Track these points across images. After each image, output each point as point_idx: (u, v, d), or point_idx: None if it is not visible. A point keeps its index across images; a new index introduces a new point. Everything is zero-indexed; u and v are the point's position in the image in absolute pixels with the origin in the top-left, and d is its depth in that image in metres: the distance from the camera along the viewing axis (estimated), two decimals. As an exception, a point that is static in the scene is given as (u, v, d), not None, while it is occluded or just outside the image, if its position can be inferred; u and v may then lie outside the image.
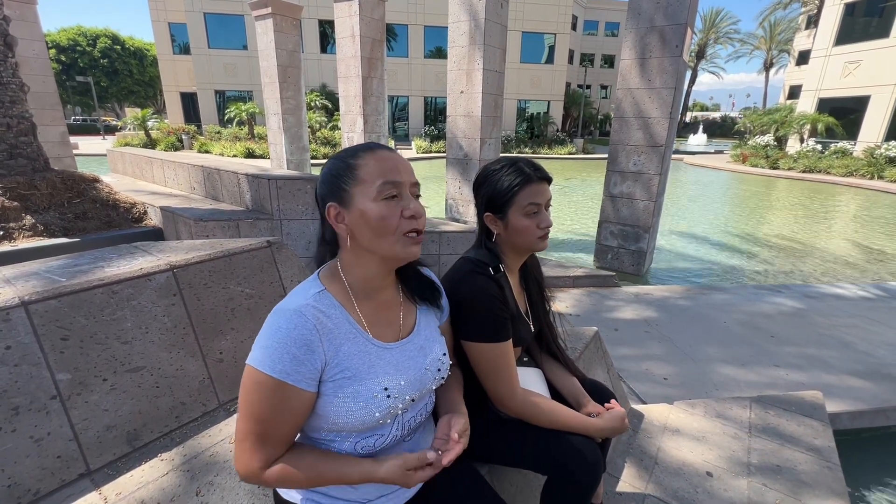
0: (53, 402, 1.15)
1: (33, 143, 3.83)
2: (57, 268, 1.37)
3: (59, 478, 1.15)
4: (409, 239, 0.82)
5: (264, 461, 0.78)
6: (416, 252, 0.84)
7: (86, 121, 37.19)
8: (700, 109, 66.72)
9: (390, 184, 0.80)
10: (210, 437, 1.35)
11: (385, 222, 0.79)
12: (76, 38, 33.89)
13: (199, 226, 3.58)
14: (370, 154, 0.81)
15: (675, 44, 4.36)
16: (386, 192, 0.79)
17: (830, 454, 1.88)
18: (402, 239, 0.81)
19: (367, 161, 0.81)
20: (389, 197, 0.80)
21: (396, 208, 0.80)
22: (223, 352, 1.53)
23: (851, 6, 17.80)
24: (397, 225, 0.80)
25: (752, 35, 41.18)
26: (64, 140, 7.42)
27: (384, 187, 0.79)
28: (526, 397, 1.10)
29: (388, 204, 0.80)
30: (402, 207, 0.81)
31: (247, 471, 0.78)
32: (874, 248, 6.83)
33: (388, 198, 0.80)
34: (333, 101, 21.30)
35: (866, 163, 14.60)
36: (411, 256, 0.84)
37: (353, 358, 0.82)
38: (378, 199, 0.79)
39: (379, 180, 0.79)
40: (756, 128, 21.05)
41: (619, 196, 5.05)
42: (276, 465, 0.78)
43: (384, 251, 0.82)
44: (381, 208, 0.79)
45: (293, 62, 8.51)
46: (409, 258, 0.84)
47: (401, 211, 0.80)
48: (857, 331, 3.50)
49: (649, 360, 2.97)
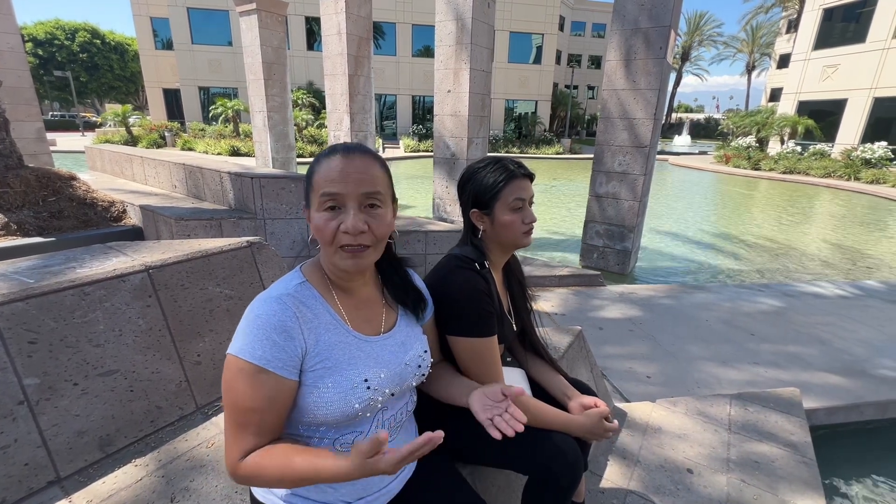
0: (21, 408, 1.11)
1: (6, 139, 3.70)
2: (25, 269, 1.32)
3: (26, 486, 1.11)
4: (346, 253, 0.79)
5: (243, 452, 0.75)
6: (355, 266, 0.81)
7: (64, 117, 36.20)
8: (685, 111, 67.70)
9: (329, 195, 0.77)
10: (187, 442, 1.32)
11: (321, 233, 0.78)
12: (54, 31, 32.97)
13: (181, 225, 3.51)
14: (327, 159, 0.79)
15: (660, 46, 4.41)
16: (326, 204, 0.77)
17: (807, 449, 1.92)
18: (338, 252, 0.79)
19: (321, 166, 0.78)
20: (329, 208, 0.77)
21: (334, 221, 0.77)
22: (201, 354, 1.50)
23: (830, 11, 18.27)
24: (333, 238, 0.78)
25: (735, 38, 42.00)
26: (40, 136, 7.22)
27: (323, 199, 0.77)
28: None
29: (326, 215, 0.77)
30: (340, 221, 0.77)
31: (228, 464, 0.76)
32: (850, 247, 7.02)
33: (327, 209, 0.77)
34: (320, 99, 21.08)
35: (843, 164, 15.01)
36: (350, 269, 0.81)
37: (334, 349, 0.81)
38: (319, 210, 0.78)
39: (320, 190, 0.77)
40: (738, 129, 21.46)
41: (604, 196, 5.10)
42: (251, 455, 0.74)
43: (329, 261, 0.82)
44: (319, 219, 0.78)
45: (279, 59, 8.40)
46: (348, 270, 0.82)
47: (338, 225, 0.77)
48: (834, 328, 3.59)
49: (633, 359, 3.01)
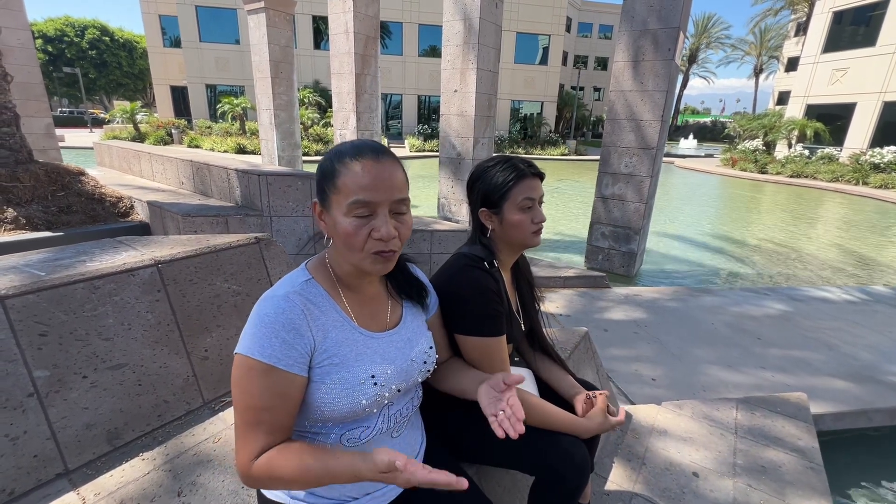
0: (30, 400, 1.12)
1: (16, 134, 3.74)
2: (37, 262, 1.33)
3: (35, 477, 1.11)
4: (378, 257, 0.78)
5: (256, 452, 0.73)
6: (385, 268, 0.81)
7: (73, 113, 36.49)
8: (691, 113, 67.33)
9: (362, 203, 0.74)
10: (193, 437, 1.32)
11: (351, 240, 0.76)
12: (64, 28, 33.26)
13: (187, 221, 3.52)
14: (354, 161, 0.75)
15: (668, 47, 4.39)
16: (357, 211, 0.75)
17: (814, 455, 1.90)
18: (369, 256, 0.78)
19: (348, 169, 0.75)
20: (361, 216, 0.75)
21: (365, 228, 0.75)
22: (208, 349, 1.50)
23: (840, 14, 18.10)
24: (364, 244, 0.76)
25: (743, 41, 41.81)
26: (49, 132, 7.28)
27: (354, 206, 0.74)
28: (520, 395, 1.09)
29: (357, 222, 0.75)
30: (373, 228, 0.76)
31: (240, 465, 0.74)
32: (858, 252, 6.96)
33: (358, 216, 0.75)
34: (327, 97, 21.12)
35: (851, 169, 14.87)
36: (378, 273, 0.81)
37: (341, 345, 0.81)
38: (349, 216, 0.75)
39: (352, 196, 0.74)
40: (745, 132, 21.32)
41: (610, 197, 5.08)
42: (263, 455, 0.73)
43: (353, 263, 0.80)
44: (349, 225, 0.75)
45: (286, 58, 8.43)
46: (377, 274, 0.82)
47: (370, 231, 0.76)
48: (841, 333, 3.56)
49: (638, 361, 2.99)
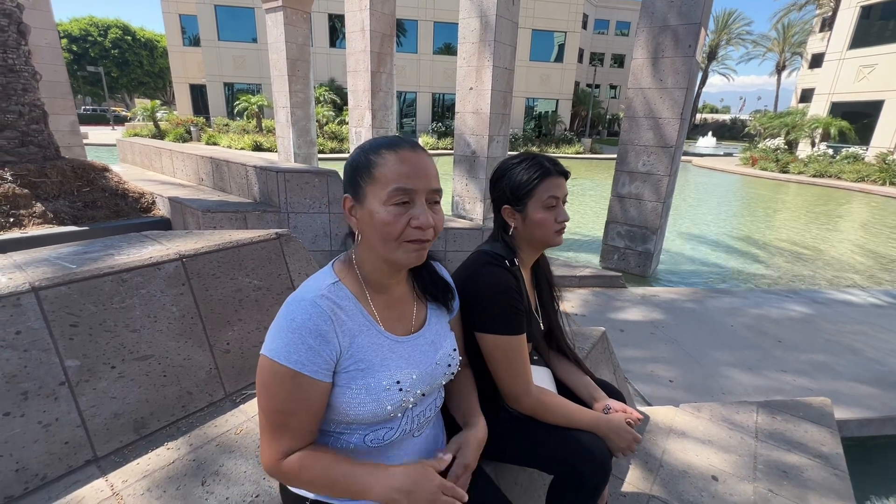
0: (62, 388, 1.16)
1: (44, 132, 3.85)
2: (67, 255, 1.37)
3: (66, 463, 1.15)
4: (412, 245, 0.78)
5: (283, 452, 0.77)
6: (419, 259, 0.81)
7: (96, 111, 37.43)
8: (710, 111, 65.93)
9: (402, 191, 0.75)
10: (216, 428, 1.35)
11: (389, 228, 0.76)
12: (88, 28, 34.14)
13: (207, 217, 3.59)
14: (391, 153, 0.77)
15: (689, 43, 4.31)
16: (396, 199, 0.75)
17: (838, 461, 1.86)
18: (403, 245, 0.78)
19: (386, 160, 0.76)
20: (400, 203, 0.76)
21: (405, 216, 0.76)
22: (230, 343, 1.53)
23: (868, 9, 17.54)
24: (401, 233, 0.76)
25: (765, 37, 40.66)
26: (74, 129, 7.47)
27: (395, 193, 0.75)
28: (539, 394, 1.09)
29: (396, 210, 0.76)
30: (412, 216, 0.76)
31: (267, 462, 0.78)
32: (884, 254, 6.75)
33: (398, 203, 0.76)
34: (342, 95, 21.29)
35: (878, 169, 14.41)
36: (412, 263, 0.81)
37: (367, 350, 0.82)
38: (388, 204, 0.75)
39: (392, 185, 0.75)
40: (766, 131, 20.82)
41: (627, 196, 5.01)
42: (294, 456, 0.77)
43: (385, 254, 0.80)
44: (388, 214, 0.75)
45: (302, 56, 8.51)
46: (410, 265, 0.81)
47: (409, 220, 0.76)
48: (866, 338, 3.46)
49: (655, 363, 2.95)
